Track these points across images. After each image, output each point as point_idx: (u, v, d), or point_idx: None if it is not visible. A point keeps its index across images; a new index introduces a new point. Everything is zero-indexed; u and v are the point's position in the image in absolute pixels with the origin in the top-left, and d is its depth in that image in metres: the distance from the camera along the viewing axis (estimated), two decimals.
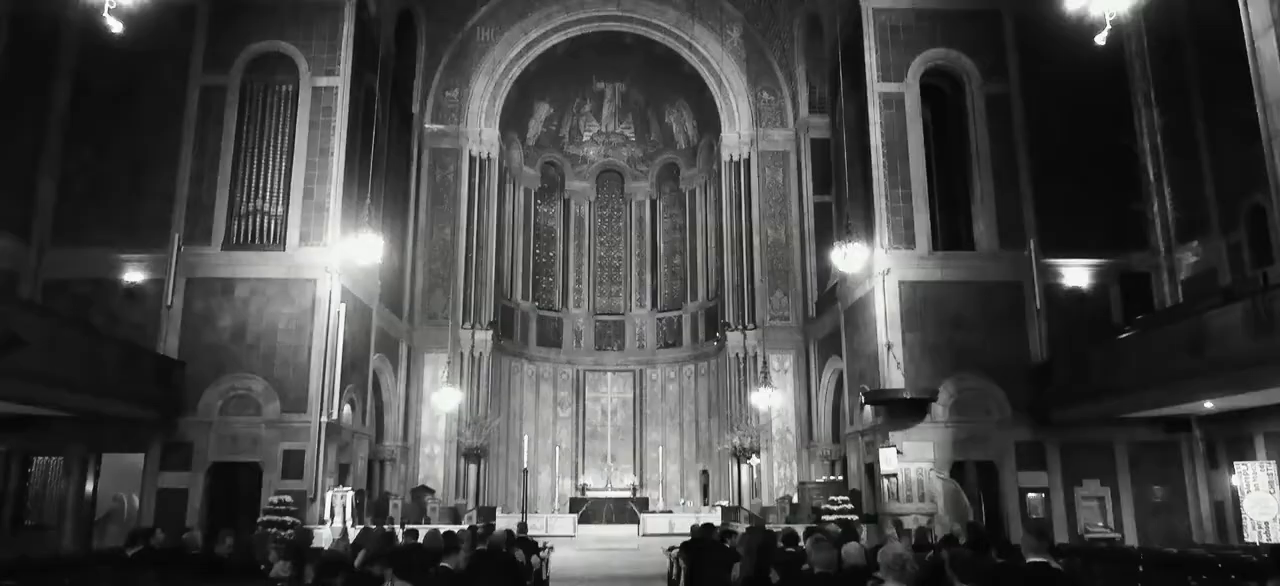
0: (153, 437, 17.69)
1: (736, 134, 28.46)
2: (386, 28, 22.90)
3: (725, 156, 28.62)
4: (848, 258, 17.74)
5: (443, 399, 23.94)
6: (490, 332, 26.96)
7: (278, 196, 19.25)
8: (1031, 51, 20.55)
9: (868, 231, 19.73)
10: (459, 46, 28.41)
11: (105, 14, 9.33)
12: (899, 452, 18.12)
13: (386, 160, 23.81)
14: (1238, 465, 16.95)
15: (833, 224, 26.25)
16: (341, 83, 19.74)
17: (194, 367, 18.10)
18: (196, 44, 19.84)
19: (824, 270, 26.16)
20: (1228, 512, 17.55)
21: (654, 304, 32.02)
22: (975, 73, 20.40)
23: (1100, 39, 10.42)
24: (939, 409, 18.53)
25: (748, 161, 28.26)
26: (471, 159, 27.95)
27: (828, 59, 23.69)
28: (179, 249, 18.59)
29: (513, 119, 30.06)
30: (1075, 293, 19.43)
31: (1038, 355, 18.87)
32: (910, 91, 20.14)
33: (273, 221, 19.13)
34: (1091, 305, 19.42)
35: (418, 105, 27.24)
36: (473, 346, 26.61)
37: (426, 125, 27.78)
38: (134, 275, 18.62)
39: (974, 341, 18.92)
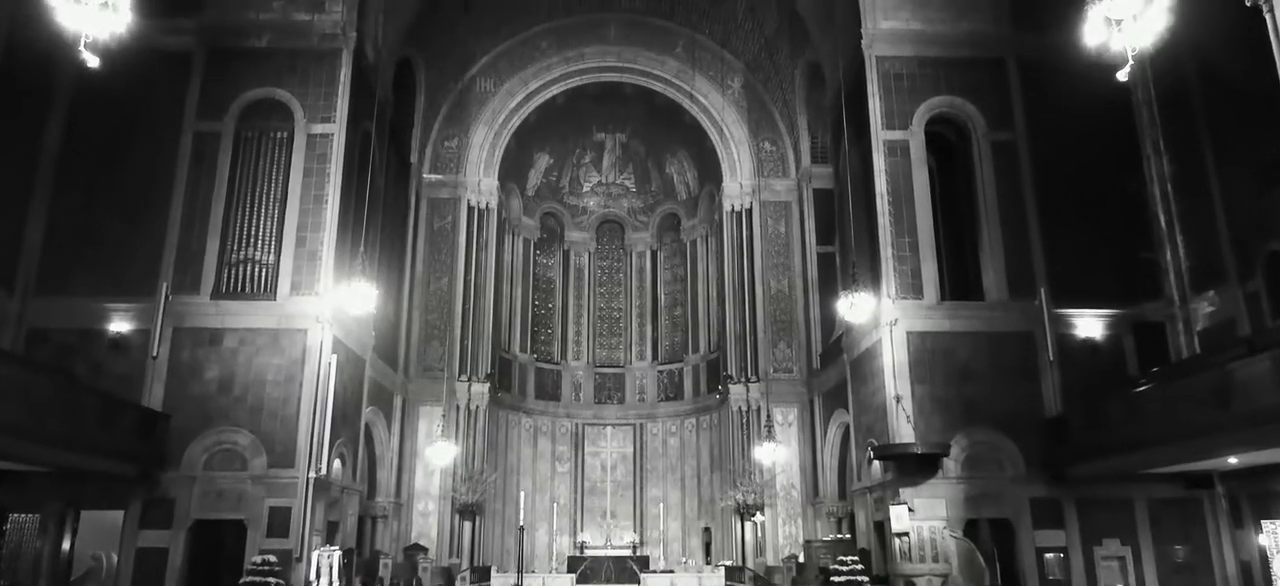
0: (133, 493, 17.00)
1: (738, 184, 28.19)
2: (385, 76, 22.71)
3: (727, 206, 28.31)
4: (854, 307, 17.26)
5: (437, 453, 23.26)
6: (487, 385, 26.35)
7: (269, 244, 18.82)
8: (1037, 99, 20.32)
9: (874, 281, 19.27)
10: (458, 96, 28.30)
11: (82, 48, 8.89)
12: (910, 510, 17.40)
13: (383, 209, 23.48)
14: (1265, 523, 16.24)
15: (837, 274, 25.85)
16: (337, 129, 19.44)
17: (179, 420, 17.48)
18: (191, 90, 19.59)
19: (828, 321, 25.70)
20: (1255, 573, 16.76)
21: (655, 356, 31.45)
22: (980, 120, 20.11)
23: (1122, 75, 9.96)
24: (950, 464, 17.87)
25: (749, 211, 27.94)
26: (470, 209, 27.65)
27: (830, 107, 23.49)
28: (167, 297, 18.09)
29: (512, 169, 29.84)
30: (1088, 343, 18.88)
31: (1052, 408, 18.26)
32: (915, 139, 19.83)
33: (264, 270, 18.67)
34: (1105, 357, 18.85)
35: (416, 154, 27.01)
36: (469, 399, 25.98)
37: (425, 175, 27.53)
38: (120, 324, 18.10)
39: (985, 394, 18.34)
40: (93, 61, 8.84)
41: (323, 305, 18.29)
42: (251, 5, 20.23)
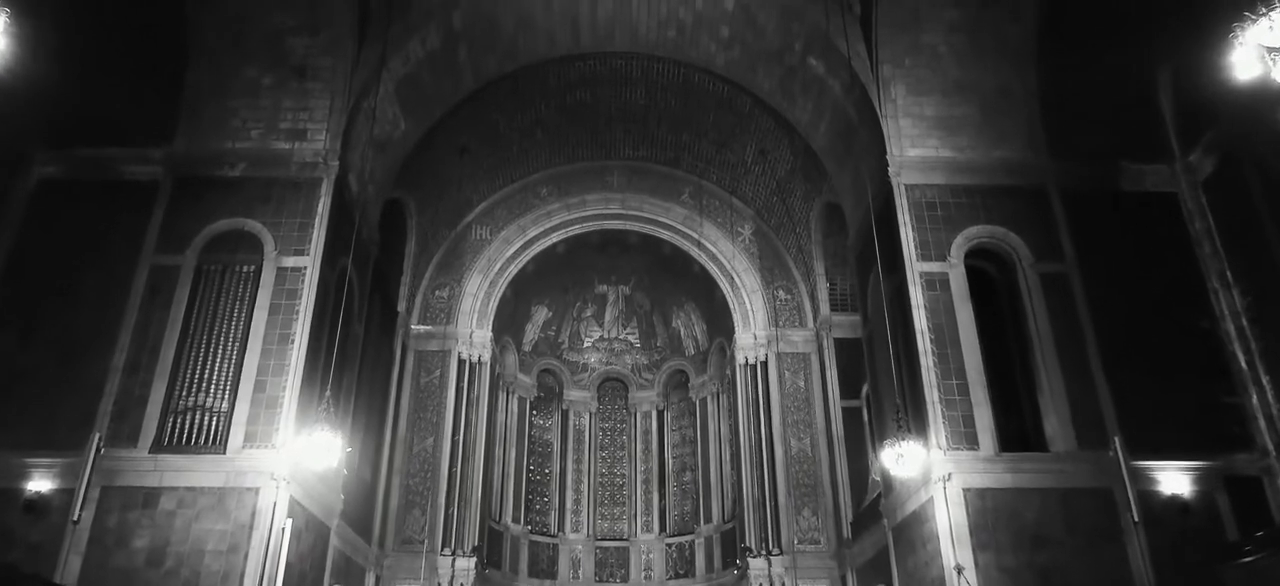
0: None
1: (752, 335, 26.04)
2: (370, 213, 20.99)
3: (740, 359, 26.02)
4: (903, 458, 14.73)
5: None
6: (474, 560, 23.10)
7: (224, 390, 16.38)
8: (1085, 228, 18.50)
9: (919, 430, 16.73)
10: (453, 243, 26.70)
11: None
12: None
13: (363, 360, 21.21)
14: None
15: (866, 431, 23.48)
16: (311, 262, 17.44)
17: None
18: (153, 221, 17.75)
19: (859, 484, 23.00)
20: None
21: (662, 527, 28.24)
22: (1025, 250, 18.19)
23: None
24: None
25: (764, 364, 25.63)
26: (460, 362, 25.36)
27: (854, 245, 21.68)
28: (98, 451, 15.48)
29: (508, 322, 27.82)
30: (1176, 502, 16.09)
31: (1142, 580, 15.25)
32: (955, 271, 17.84)
33: (215, 419, 16.14)
34: (1198, 517, 16.03)
35: (404, 303, 25.00)
36: (453, 576, 22.69)
37: (413, 326, 25.44)
38: (40, 483, 15.40)
39: (1061, 562, 15.38)
40: None
41: (280, 460, 15.65)
42: (228, 134, 18.76)
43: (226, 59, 19.02)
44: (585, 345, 30.42)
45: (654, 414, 29.89)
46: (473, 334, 25.77)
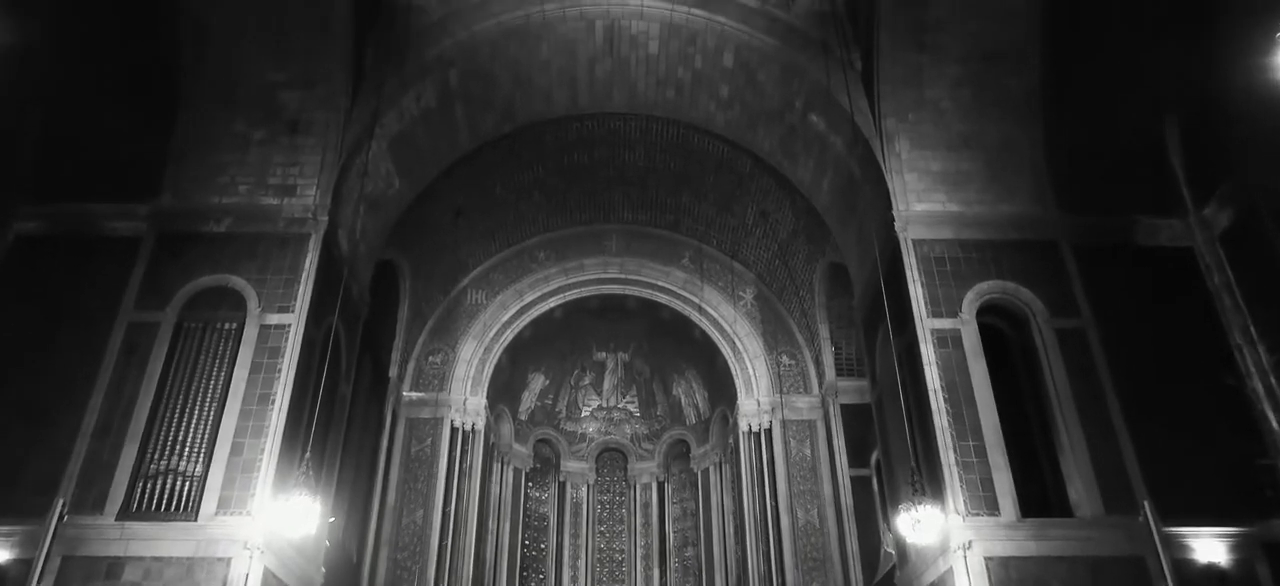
0: None
1: (755, 401, 25.17)
2: (361, 272, 20.34)
3: (743, 426, 25.08)
4: (920, 525, 13.81)
5: None
6: None
7: (199, 452, 15.46)
8: (1099, 283, 17.80)
9: (936, 495, 15.78)
10: (447, 308, 26.03)
11: None
12: None
13: (350, 426, 20.36)
14: None
15: (876, 500, 22.53)
16: (296, 319, 16.70)
17: None
18: (133, 277, 17.06)
19: (870, 556, 21.90)
20: None
21: None
22: (1039, 306, 17.47)
23: None
24: None
25: (769, 432, 24.69)
26: (454, 431, 24.42)
27: (860, 305, 20.99)
28: (62, 518, 14.51)
29: (503, 390, 26.97)
30: (1213, 571, 15.04)
31: None
32: (968, 327, 17.09)
33: (187, 484, 15.18)
34: None
35: (396, 368, 24.19)
36: None
37: (404, 392, 24.58)
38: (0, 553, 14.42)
39: None
40: None
41: (255, 528, 14.66)
42: (215, 189, 18.22)
43: (218, 113, 18.61)
44: (583, 414, 29.50)
45: (654, 485, 28.81)
46: (467, 401, 24.91)
